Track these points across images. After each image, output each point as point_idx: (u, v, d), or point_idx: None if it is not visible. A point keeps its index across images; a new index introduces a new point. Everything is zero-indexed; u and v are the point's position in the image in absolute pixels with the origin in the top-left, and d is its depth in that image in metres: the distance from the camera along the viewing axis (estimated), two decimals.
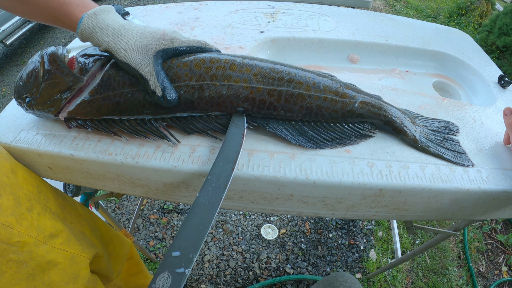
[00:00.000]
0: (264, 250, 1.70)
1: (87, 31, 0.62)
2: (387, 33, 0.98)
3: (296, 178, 0.58)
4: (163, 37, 0.63)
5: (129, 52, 0.61)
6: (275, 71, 0.63)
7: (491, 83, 0.85)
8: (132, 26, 0.63)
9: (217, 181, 0.54)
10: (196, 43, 0.66)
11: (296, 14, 1.06)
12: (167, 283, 0.43)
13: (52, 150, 0.65)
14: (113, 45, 0.62)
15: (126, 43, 0.61)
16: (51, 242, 0.66)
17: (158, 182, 0.64)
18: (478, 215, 0.67)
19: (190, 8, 1.13)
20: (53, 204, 0.72)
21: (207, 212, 0.50)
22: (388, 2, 4.71)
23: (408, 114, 0.70)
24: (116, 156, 0.62)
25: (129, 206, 1.92)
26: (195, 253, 0.46)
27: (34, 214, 0.64)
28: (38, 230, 0.64)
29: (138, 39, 0.62)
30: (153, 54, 0.61)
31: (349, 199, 0.61)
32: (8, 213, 0.58)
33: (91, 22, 0.62)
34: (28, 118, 0.73)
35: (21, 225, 0.60)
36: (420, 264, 1.70)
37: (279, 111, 0.63)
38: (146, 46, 0.61)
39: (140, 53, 0.61)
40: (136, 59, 0.61)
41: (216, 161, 0.56)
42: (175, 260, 0.45)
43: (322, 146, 0.62)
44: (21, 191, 0.64)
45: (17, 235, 0.59)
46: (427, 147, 0.64)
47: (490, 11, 4.06)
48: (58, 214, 0.72)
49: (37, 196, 0.68)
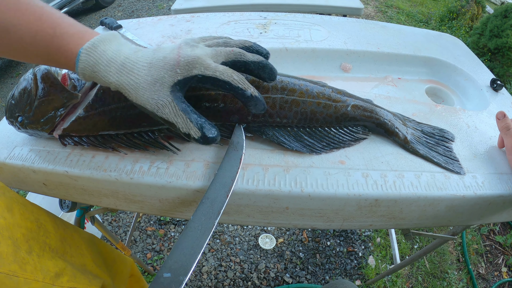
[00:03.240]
0: (262, 260, 1.70)
1: (88, 70, 0.50)
2: (379, 41, 0.98)
3: (291, 191, 0.57)
4: (178, 62, 0.49)
5: (139, 92, 0.49)
6: None
7: (483, 87, 0.86)
8: (139, 56, 0.51)
9: (211, 206, 0.53)
10: (226, 74, 0.50)
11: (288, 24, 1.06)
12: None
13: (46, 167, 0.64)
14: (121, 86, 0.50)
15: (134, 81, 0.49)
16: (58, 282, 0.62)
17: (153, 198, 0.63)
18: (475, 220, 0.67)
19: (182, 20, 1.13)
20: (53, 238, 0.69)
21: (199, 237, 0.49)
22: (379, 8, 4.74)
23: (399, 116, 0.71)
24: (111, 172, 0.62)
25: (125, 218, 1.91)
26: (185, 275, 0.46)
27: (34, 256, 0.60)
28: (43, 273, 0.60)
29: (146, 72, 0.50)
30: (169, 90, 0.49)
31: (344, 210, 0.60)
32: (10, 260, 0.54)
33: (91, 59, 0.49)
34: (22, 134, 0.72)
35: (25, 270, 0.56)
36: (419, 268, 1.70)
37: (274, 118, 0.64)
38: (158, 80, 0.49)
39: (153, 90, 0.49)
40: (151, 101, 0.49)
41: (212, 184, 0.56)
42: (166, 281, 0.45)
43: (319, 151, 0.63)
44: (19, 231, 0.59)
45: (23, 283, 0.55)
46: (417, 149, 0.65)
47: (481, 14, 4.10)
48: (57, 250, 0.68)
49: (36, 233, 0.64)
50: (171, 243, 1.78)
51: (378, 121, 0.67)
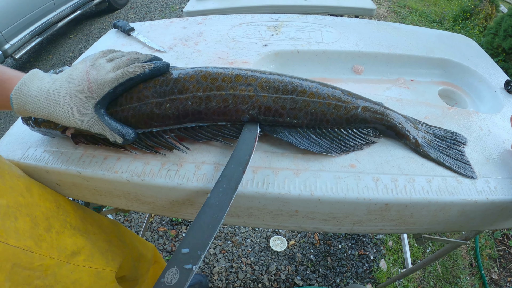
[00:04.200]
0: (273, 262, 1.69)
1: (21, 110, 0.59)
2: (391, 42, 0.97)
3: (300, 194, 0.57)
4: (91, 89, 0.59)
5: (70, 118, 0.59)
6: (279, 81, 0.65)
7: (497, 89, 0.84)
8: (57, 87, 0.59)
9: (228, 183, 0.56)
10: (125, 76, 0.61)
11: (299, 26, 1.06)
12: (175, 278, 0.46)
13: (59, 167, 0.66)
14: (51, 116, 0.59)
15: (62, 111, 0.58)
16: (73, 261, 0.66)
17: (164, 199, 0.64)
18: (487, 225, 0.66)
19: (194, 22, 1.14)
20: (73, 217, 0.72)
21: (217, 212, 0.52)
22: (392, 8, 4.70)
23: (410, 119, 0.70)
24: (122, 174, 0.63)
25: (137, 218, 1.93)
26: (203, 250, 0.48)
27: (53, 233, 0.64)
28: (59, 250, 0.63)
29: (69, 102, 0.58)
30: (93, 111, 0.59)
31: (354, 214, 0.60)
32: (26, 236, 0.57)
33: (20, 101, 0.58)
34: (36, 135, 0.74)
35: (41, 247, 0.59)
36: (431, 273, 1.68)
37: (284, 118, 0.64)
38: (82, 107, 0.59)
39: (81, 114, 0.59)
40: (82, 122, 0.59)
41: (228, 163, 0.58)
42: (184, 256, 0.48)
43: (328, 151, 0.63)
44: (38, 210, 0.63)
45: (38, 259, 0.58)
46: (428, 152, 0.64)
47: (495, 14, 4.03)
48: (79, 228, 0.72)
49: (56, 212, 0.68)
50: None
51: (389, 123, 0.66)
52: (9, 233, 0.54)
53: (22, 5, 3.41)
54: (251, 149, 0.60)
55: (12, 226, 0.56)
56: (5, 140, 0.75)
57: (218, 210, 0.52)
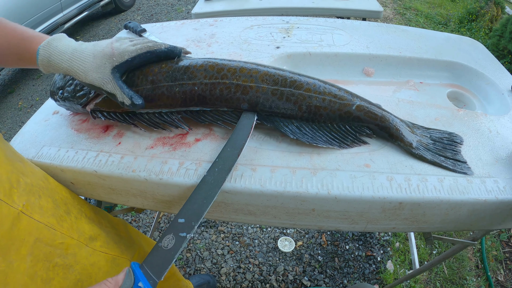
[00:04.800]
0: (281, 262, 1.70)
1: (45, 61, 0.65)
2: (400, 45, 0.99)
3: (318, 193, 0.59)
4: (113, 53, 0.67)
5: (88, 73, 0.65)
6: (279, 74, 0.70)
7: (505, 91, 0.85)
8: (83, 48, 0.67)
9: (223, 164, 0.61)
10: (144, 49, 0.70)
11: (310, 28, 1.07)
12: (171, 243, 0.52)
13: (75, 166, 0.68)
14: (72, 70, 0.66)
15: (83, 66, 0.65)
16: (92, 245, 0.68)
17: (181, 198, 0.65)
18: (496, 224, 0.67)
19: (205, 24, 1.16)
20: (87, 209, 0.75)
21: (211, 189, 0.58)
22: (398, 10, 4.71)
23: (407, 123, 0.71)
24: (140, 172, 0.64)
25: (145, 219, 1.94)
26: (197, 222, 0.55)
27: (72, 217, 0.66)
28: (78, 232, 0.66)
29: (92, 60, 0.66)
30: (110, 72, 0.66)
31: (369, 212, 0.61)
32: (49, 214, 0.60)
33: (46, 52, 0.64)
34: (49, 134, 0.76)
35: (62, 226, 0.62)
36: (437, 274, 1.68)
37: (280, 109, 0.69)
38: (101, 66, 0.66)
39: (99, 72, 0.66)
40: (98, 79, 0.66)
41: (225, 146, 0.64)
42: (180, 225, 0.54)
43: (319, 143, 0.66)
44: (57, 195, 0.66)
45: (60, 236, 0.61)
46: (424, 155, 0.65)
47: (500, 15, 4.02)
48: (93, 219, 0.74)
49: (72, 200, 0.71)
50: (190, 244, 1.80)
51: (382, 124, 0.68)
52: (33, 208, 0.57)
53: (29, 6, 3.43)
54: (247, 135, 0.65)
55: (36, 202, 0.58)
56: (18, 139, 0.77)
57: (212, 187, 0.58)
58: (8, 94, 3.60)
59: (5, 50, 0.65)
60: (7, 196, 0.52)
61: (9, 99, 3.50)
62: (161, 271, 0.50)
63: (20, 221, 0.53)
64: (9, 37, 0.64)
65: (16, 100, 3.45)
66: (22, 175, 0.58)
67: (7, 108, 3.35)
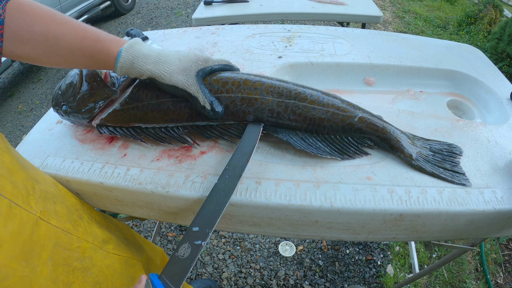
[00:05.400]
0: (282, 267, 1.71)
1: (127, 64, 0.65)
2: (401, 54, 1.00)
3: (321, 206, 0.60)
4: (198, 58, 0.70)
5: (173, 75, 0.67)
6: (283, 87, 0.71)
7: (504, 100, 0.86)
8: (168, 52, 0.68)
9: (233, 171, 0.63)
10: (223, 62, 0.74)
11: (312, 37, 1.09)
12: (187, 252, 0.53)
13: (81, 178, 0.69)
14: (157, 72, 0.66)
15: (169, 68, 0.67)
16: (105, 247, 0.70)
17: (188, 210, 0.67)
18: (494, 233, 0.68)
19: (207, 32, 1.17)
20: (96, 214, 0.76)
21: (223, 196, 0.59)
22: (397, 14, 4.72)
23: (407, 134, 0.73)
24: (146, 185, 0.66)
25: (146, 224, 1.95)
26: (211, 228, 0.56)
27: (84, 222, 0.68)
28: (92, 236, 0.67)
29: (177, 63, 0.67)
30: (195, 74, 0.68)
31: (370, 224, 0.63)
32: (65, 219, 0.61)
33: (129, 55, 0.65)
34: (53, 144, 0.77)
35: (78, 231, 0.63)
36: (437, 278, 1.69)
37: (285, 120, 0.70)
38: (187, 69, 0.68)
39: (184, 74, 0.67)
40: (183, 80, 0.67)
41: (234, 154, 0.65)
42: (195, 234, 0.55)
43: (321, 153, 0.68)
44: (68, 201, 0.67)
45: (76, 240, 0.62)
46: (424, 166, 0.66)
47: (499, 18, 4.03)
48: (102, 223, 0.76)
49: (81, 206, 0.72)
50: None
51: (384, 135, 0.69)
52: (50, 214, 0.58)
53: None
54: (254, 142, 0.67)
55: (52, 208, 0.59)
56: (22, 147, 0.78)
57: (224, 194, 0.59)
58: (8, 97, 3.60)
59: (76, 50, 0.64)
60: (25, 203, 0.53)
61: (9, 103, 3.50)
62: (179, 280, 0.51)
63: (39, 226, 0.54)
64: (81, 38, 0.63)
65: (16, 104, 3.45)
66: (36, 182, 0.59)
67: (7, 111, 3.35)
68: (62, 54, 0.64)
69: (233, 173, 0.62)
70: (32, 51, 0.62)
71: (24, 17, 0.58)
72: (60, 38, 0.62)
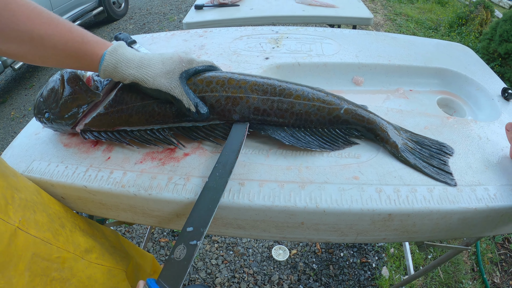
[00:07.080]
0: (276, 271, 1.69)
1: (110, 67, 0.65)
2: (390, 53, 0.99)
3: (306, 207, 0.59)
4: (182, 60, 0.69)
5: (157, 79, 0.66)
6: (268, 84, 0.71)
7: (495, 97, 0.85)
8: (151, 56, 0.68)
9: (223, 168, 0.62)
10: (208, 63, 0.73)
11: (300, 38, 1.08)
12: (183, 253, 0.52)
13: (65, 181, 0.67)
14: (140, 76, 0.66)
15: (152, 72, 0.66)
16: (87, 257, 0.68)
17: (171, 213, 0.65)
18: (488, 231, 0.67)
19: (195, 35, 1.16)
20: (81, 221, 0.75)
21: (215, 194, 0.59)
22: (388, 16, 4.74)
23: (394, 125, 0.72)
24: (129, 188, 0.64)
25: (139, 229, 1.93)
26: (205, 227, 0.55)
27: (67, 231, 0.66)
28: (74, 245, 0.66)
29: (161, 66, 0.67)
30: (178, 77, 0.67)
31: (359, 225, 0.61)
32: (45, 229, 0.60)
33: (113, 58, 0.64)
34: (39, 148, 0.76)
35: (58, 240, 0.62)
36: (433, 279, 1.68)
37: (272, 117, 0.70)
38: (170, 71, 0.67)
39: (167, 77, 0.66)
40: (166, 84, 0.66)
41: (223, 151, 0.66)
42: (189, 234, 0.54)
43: (310, 147, 0.67)
44: (50, 209, 0.66)
45: (56, 251, 0.61)
46: (408, 157, 0.66)
47: (490, 19, 4.06)
48: (87, 231, 0.74)
49: (65, 214, 0.70)
50: None
51: (369, 125, 0.69)
52: (29, 224, 0.57)
53: None
54: (242, 138, 0.67)
55: (32, 217, 0.58)
56: (9, 152, 0.77)
57: (216, 192, 0.59)
58: (0, 104, 3.57)
59: (60, 51, 0.63)
60: (3, 213, 0.52)
61: (1, 109, 3.47)
62: (177, 282, 0.50)
63: (17, 237, 0.53)
64: (66, 38, 0.62)
65: (8, 110, 3.42)
66: (16, 190, 0.58)
67: None
68: (47, 54, 0.64)
69: (223, 170, 0.62)
70: (18, 49, 0.61)
71: (9, 15, 0.57)
72: (45, 38, 0.61)
